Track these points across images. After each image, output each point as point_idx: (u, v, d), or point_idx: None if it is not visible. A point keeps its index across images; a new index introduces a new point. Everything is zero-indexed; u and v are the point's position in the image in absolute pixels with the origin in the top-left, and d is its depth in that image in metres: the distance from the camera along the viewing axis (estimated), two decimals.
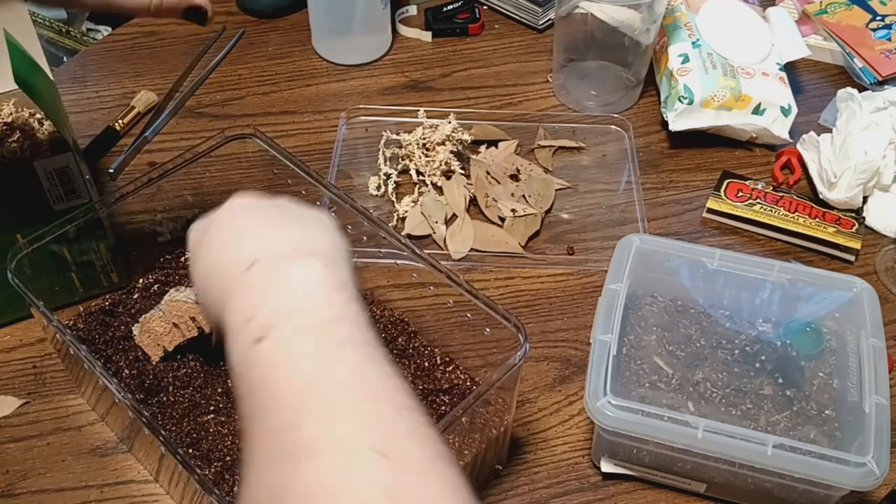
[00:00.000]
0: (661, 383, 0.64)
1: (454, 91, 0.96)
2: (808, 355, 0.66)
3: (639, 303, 0.69)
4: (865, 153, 0.81)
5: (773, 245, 0.82)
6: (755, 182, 0.85)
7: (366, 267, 0.69)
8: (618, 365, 0.64)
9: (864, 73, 0.96)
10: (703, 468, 0.60)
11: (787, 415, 0.63)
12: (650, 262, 0.69)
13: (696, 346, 0.67)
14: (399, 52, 1.01)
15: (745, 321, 0.69)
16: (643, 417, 0.58)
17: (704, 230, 0.83)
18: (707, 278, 0.69)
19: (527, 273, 0.79)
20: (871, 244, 0.82)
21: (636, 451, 0.61)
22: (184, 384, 0.64)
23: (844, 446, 0.60)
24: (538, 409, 0.69)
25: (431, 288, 0.65)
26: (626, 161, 0.88)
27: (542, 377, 0.71)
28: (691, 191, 0.87)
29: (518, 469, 0.65)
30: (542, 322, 0.75)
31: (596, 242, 0.81)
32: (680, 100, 0.86)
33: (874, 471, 0.55)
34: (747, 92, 0.87)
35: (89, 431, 0.66)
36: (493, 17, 1.06)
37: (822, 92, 0.97)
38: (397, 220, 0.82)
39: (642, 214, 0.83)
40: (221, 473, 0.58)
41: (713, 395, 0.64)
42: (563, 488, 0.64)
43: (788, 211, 0.82)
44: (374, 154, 0.87)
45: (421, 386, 0.63)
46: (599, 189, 0.86)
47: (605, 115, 0.92)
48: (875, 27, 1.00)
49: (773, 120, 0.88)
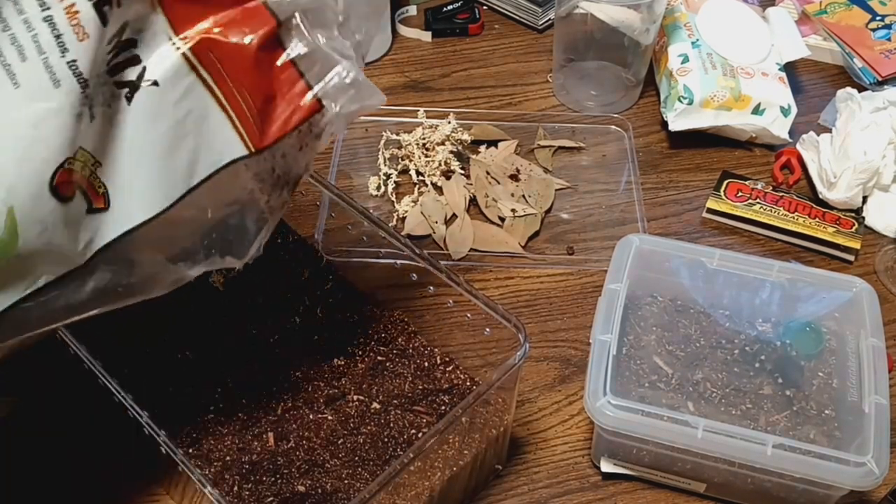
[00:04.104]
0: (661, 383, 0.64)
1: (454, 91, 0.96)
2: (808, 355, 0.66)
3: (638, 303, 0.69)
4: (865, 153, 0.81)
5: (773, 245, 0.82)
6: (755, 182, 0.85)
7: (366, 267, 0.69)
8: (617, 365, 0.64)
9: (863, 73, 0.96)
10: (703, 468, 0.60)
11: (787, 415, 0.63)
12: (650, 262, 0.69)
13: (696, 346, 0.67)
14: (399, 52, 1.01)
15: (745, 321, 0.69)
16: (643, 417, 0.58)
17: (704, 230, 0.83)
18: (707, 278, 0.69)
19: (527, 273, 0.79)
20: (871, 244, 0.82)
21: (636, 450, 0.61)
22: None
23: (844, 446, 0.60)
24: (538, 408, 0.69)
25: (431, 288, 0.65)
26: (625, 161, 0.88)
27: (541, 377, 0.71)
28: (691, 191, 0.87)
29: (518, 469, 0.65)
30: (541, 322, 0.75)
31: (596, 242, 0.81)
32: (680, 100, 0.87)
33: (874, 470, 0.55)
34: (747, 92, 0.87)
35: None
36: (493, 18, 1.07)
37: (822, 92, 0.97)
38: (397, 220, 0.82)
39: (642, 214, 0.83)
40: (221, 473, 0.58)
41: (713, 394, 0.64)
42: (562, 488, 0.64)
43: (788, 211, 0.82)
44: (373, 154, 0.87)
45: (421, 386, 0.63)
46: (599, 189, 0.86)
47: (604, 116, 0.92)
48: (875, 27, 1.00)
49: (772, 120, 0.88)
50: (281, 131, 0.48)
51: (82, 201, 0.46)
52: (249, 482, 0.57)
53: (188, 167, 0.48)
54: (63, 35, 0.43)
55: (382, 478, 0.50)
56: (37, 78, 0.43)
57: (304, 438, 0.60)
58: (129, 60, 0.46)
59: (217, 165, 0.48)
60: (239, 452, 0.59)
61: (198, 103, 0.47)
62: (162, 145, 0.47)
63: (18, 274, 0.46)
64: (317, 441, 0.59)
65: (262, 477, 0.57)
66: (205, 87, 0.47)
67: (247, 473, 0.57)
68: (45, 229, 0.45)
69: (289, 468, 0.58)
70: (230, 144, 0.48)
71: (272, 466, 0.58)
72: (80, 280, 0.48)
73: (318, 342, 0.65)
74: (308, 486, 0.57)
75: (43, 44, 0.43)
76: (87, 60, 0.44)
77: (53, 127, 0.44)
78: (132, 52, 0.46)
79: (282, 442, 0.59)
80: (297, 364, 0.64)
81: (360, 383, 0.63)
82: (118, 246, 0.48)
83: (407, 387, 0.63)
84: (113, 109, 0.46)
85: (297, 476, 0.57)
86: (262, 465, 0.58)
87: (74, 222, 0.46)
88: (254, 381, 0.63)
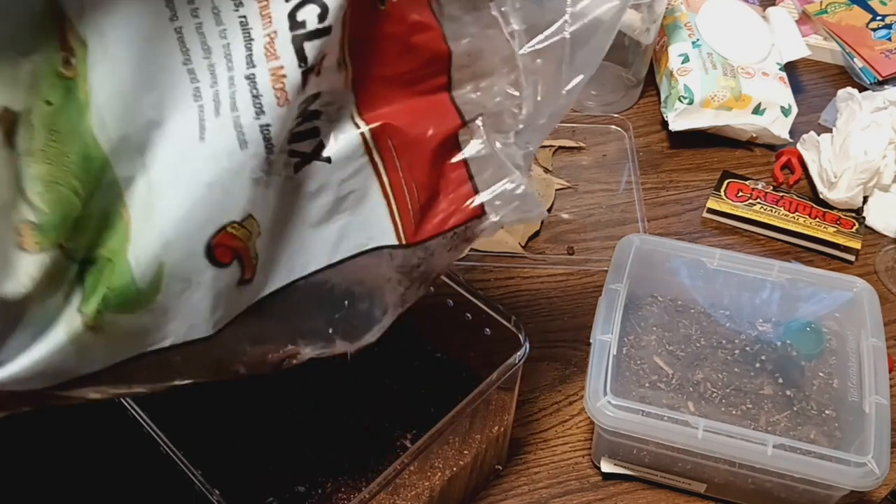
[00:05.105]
0: (662, 383, 0.64)
1: None
2: (809, 355, 0.66)
3: (639, 303, 0.69)
4: (865, 153, 0.81)
5: (774, 245, 0.82)
6: (755, 182, 0.85)
7: None
8: (618, 365, 0.64)
9: (864, 72, 0.96)
10: (703, 468, 0.60)
11: (788, 415, 0.63)
12: (650, 262, 0.69)
13: (697, 346, 0.67)
14: None
15: (746, 321, 0.69)
16: (643, 417, 0.58)
17: (704, 230, 0.83)
18: (707, 278, 0.69)
19: (527, 273, 0.79)
20: (872, 244, 0.82)
21: (636, 451, 0.61)
22: None
23: (844, 446, 0.60)
24: (538, 409, 0.69)
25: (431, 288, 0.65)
26: (626, 161, 0.88)
27: (542, 377, 0.71)
28: (691, 191, 0.87)
29: (518, 469, 0.65)
30: (542, 322, 0.75)
31: (596, 242, 0.81)
32: (680, 99, 0.86)
33: (874, 471, 0.55)
34: (747, 92, 0.87)
35: None
36: None
37: (823, 92, 0.97)
38: None
39: (642, 214, 0.83)
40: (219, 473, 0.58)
41: (713, 395, 0.64)
42: (563, 488, 0.64)
43: (788, 211, 0.82)
44: None
45: (420, 386, 0.63)
46: (599, 189, 0.86)
47: (605, 115, 0.92)
48: (875, 27, 1.00)
49: (773, 120, 0.88)
50: (437, 230, 0.47)
51: (237, 270, 0.43)
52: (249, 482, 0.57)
53: (335, 243, 0.46)
54: (262, 97, 0.40)
55: (382, 478, 0.50)
56: (225, 136, 0.40)
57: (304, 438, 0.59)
58: (310, 132, 0.44)
59: (363, 248, 0.46)
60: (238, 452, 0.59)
61: (362, 185, 0.45)
62: (316, 220, 0.45)
63: (146, 330, 0.42)
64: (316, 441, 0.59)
65: (262, 477, 0.57)
66: (374, 171, 0.45)
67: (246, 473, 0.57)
68: (188, 289, 0.41)
69: (288, 468, 0.58)
70: (383, 231, 0.46)
71: (271, 466, 0.58)
72: (202, 349, 0.44)
73: None
74: (308, 486, 0.57)
75: (239, 102, 0.40)
76: (279, 127, 0.41)
77: (228, 188, 0.40)
78: (314, 124, 0.44)
79: (281, 442, 0.59)
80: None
81: (358, 383, 0.63)
82: (245, 317, 0.45)
83: (406, 387, 0.63)
84: (283, 178, 0.43)
85: (297, 476, 0.57)
86: (261, 465, 0.58)
87: (222, 291, 0.43)
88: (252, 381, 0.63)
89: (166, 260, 0.40)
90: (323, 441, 0.60)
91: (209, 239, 0.41)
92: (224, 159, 0.40)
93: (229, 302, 0.43)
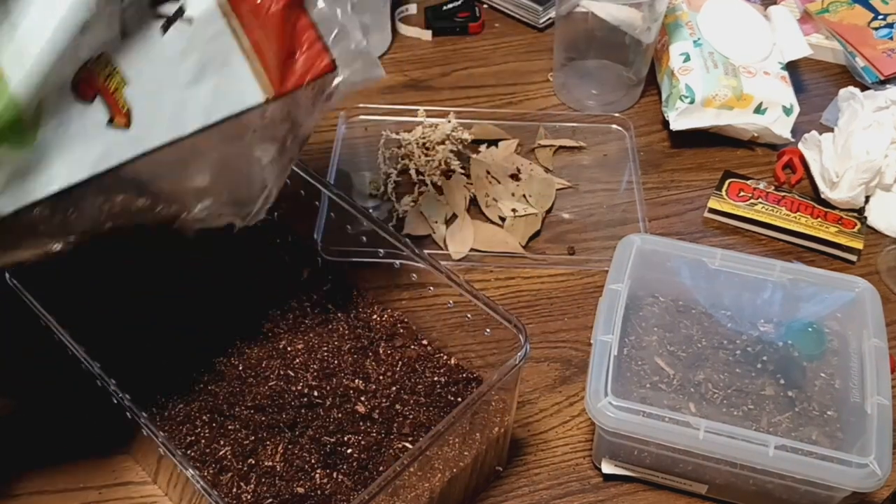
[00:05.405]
0: (663, 384, 0.64)
1: (454, 90, 0.96)
2: (810, 356, 0.66)
3: (640, 303, 0.69)
4: (867, 152, 0.80)
5: (775, 245, 0.82)
6: (757, 182, 0.85)
7: (366, 267, 0.69)
8: (619, 365, 0.63)
9: (865, 72, 0.96)
10: (705, 469, 0.60)
11: (789, 416, 0.63)
12: (651, 262, 0.69)
13: (698, 347, 0.67)
14: (399, 51, 1.01)
15: (747, 321, 0.68)
16: (644, 418, 0.58)
17: (706, 230, 0.83)
18: (708, 278, 0.69)
19: (527, 273, 0.78)
20: (873, 244, 0.81)
21: (637, 452, 0.61)
22: None
23: (846, 447, 0.59)
24: (539, 409, 0.69)
25: (431, 288, 0.65)
26: (626, 160, 0.88)
27: (542, 378, 0.71)
28: (692, 190, 0.86)
29: (518, 470, 0.65)
30: (542, 322, 0.74)
31: (597, 242, 0.81)
32: (681, 99, 0.86)
33: (876, 472, 0.55)
34: (749, 91, 0.87)
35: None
36: (493, 16, 1.06)
37: (824, 91, 0.96)
38: (397, 220, 0.81)
39: (643, 214, 0.82)
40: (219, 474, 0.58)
41: (714, 395, 0.64)
42: (563, 490, 0.64)
43: (790, 211, 0.82)
44: (373, 153, 0.87)
45: (421, 387, 0.63)
46: (600, 189, 0.86)
47: (605, 115, 0.91)
48: (877, 26, 1.00)
49: (774, 119, 0.88)
50: (298, 82, 0.54)
51: (103, 111, 0.50)
52: (248, 483, 0.57)
53: (210, 103, 0.52)
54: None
55: (382, 479, 0.50)
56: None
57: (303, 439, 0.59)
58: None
59: (238, 107, 0.53)
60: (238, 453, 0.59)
61: (224, 47, 0.52)
62: (187, 78, 0.51)
63: (34, 171, 0.49)
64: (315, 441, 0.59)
65: (262, 478, 0.57)
66: (233, 34, 0.52)
67: (245, 474, 0.57)
68: (62, 124, 0.48)
69: (288, 469, 0.58)
70: (251, 89, 0.53)
71: (271, 467, 0.58)
72: (91, 194, 0.51)
73: (316, 343, 0.65)
74: (307, 487, 0.57)
75: None
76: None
77: (84, 22, 0.47)
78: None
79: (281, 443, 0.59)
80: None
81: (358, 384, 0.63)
82: (133, 167, 0.51)
83: (407, 387, 0.63)
84: (147, 37, 0.50)
85: (297, 478, 0.57)
86: (261, 466, 0.58)
87: (93, 129, 0.49)
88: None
89: (42, 94, 0.47)
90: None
91: (75, 74, 0.48)
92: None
93: (106, 144, 0.50)
